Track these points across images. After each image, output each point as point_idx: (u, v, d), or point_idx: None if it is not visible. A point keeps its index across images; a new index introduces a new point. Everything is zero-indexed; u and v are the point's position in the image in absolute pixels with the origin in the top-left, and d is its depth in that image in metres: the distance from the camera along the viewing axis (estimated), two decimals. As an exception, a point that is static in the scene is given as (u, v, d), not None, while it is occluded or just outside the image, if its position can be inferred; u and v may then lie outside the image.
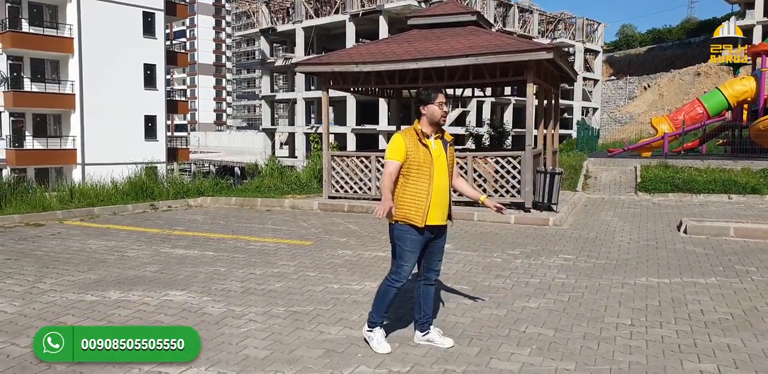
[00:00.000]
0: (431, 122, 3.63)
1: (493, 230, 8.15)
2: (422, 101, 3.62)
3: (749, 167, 13.53)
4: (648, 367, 3.57)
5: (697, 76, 46.03)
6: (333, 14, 37.41)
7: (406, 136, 3.57)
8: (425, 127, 3.63)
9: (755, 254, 6.68)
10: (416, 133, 3.60)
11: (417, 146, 3.57)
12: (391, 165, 3.57)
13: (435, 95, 3.62)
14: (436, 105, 3.60)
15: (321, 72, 10.42)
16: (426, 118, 3.62)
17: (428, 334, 3.86)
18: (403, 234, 3.61)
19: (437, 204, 3.62)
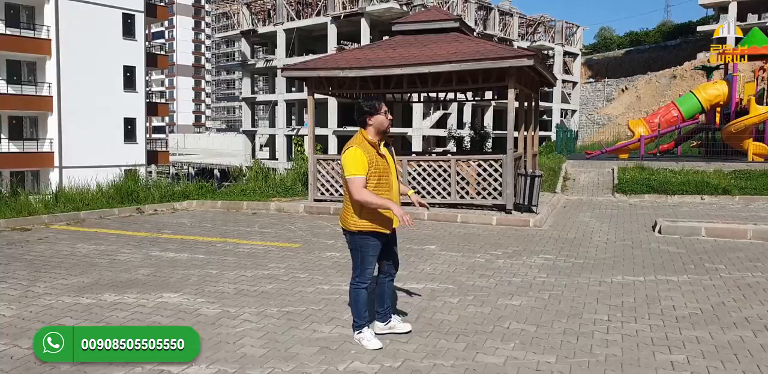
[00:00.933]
0: (378, 132, 3.77)
1: (476, 232, 8.39)
2: (369, 112, 3.73)
3: (721, 168, 13.99)
4: (623, 359, 3.81)
5: (673, 79, 47.04)
6: (314, 16, 37.49)
7: (363, 148, 3.68)
8: (373, 136, 3.75)
9: (724, 252, 7.01)
10: (370, 144, 3.73)
11: (376, 157, 3.72)
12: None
13: (380, 105, 3.76)
14: (383, 114, 3.74)
15: (307, 77, 10.59)
16: (373, 128, 3.75)
17: (390, 322, 4.09)
18: (366, 242, 3.80)
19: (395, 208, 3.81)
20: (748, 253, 6.95)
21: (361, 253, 3.84)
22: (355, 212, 3.77)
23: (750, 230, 7.83)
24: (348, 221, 3.81)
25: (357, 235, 3.81)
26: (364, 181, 3.68)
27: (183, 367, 3.52)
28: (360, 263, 3.87)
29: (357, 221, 3.77)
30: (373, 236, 3.81)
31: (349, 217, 3.80)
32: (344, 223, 3.86)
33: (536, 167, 12.67)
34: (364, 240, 3.81)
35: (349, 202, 3.81)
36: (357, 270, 3.91)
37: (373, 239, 3.82)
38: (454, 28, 10.96)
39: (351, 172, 3.68)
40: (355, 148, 3.71)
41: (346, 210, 3.84)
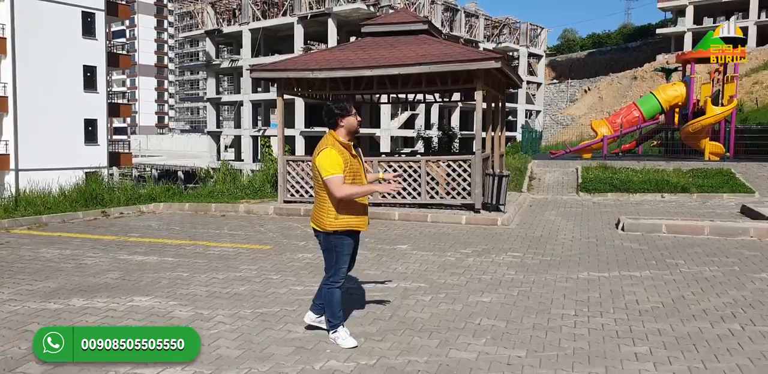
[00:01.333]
0: (349, 133, 3.84)
1: (446, 231, 8.51)
2: (340, 114, 3.80)
3: (680, 167, 14.48)
4: (590, 352, 3.95)
5: (634, 80, 48.37)
6: (281, 16, 37.27)
7: (336, 149, 3.74)
8: (344, 137, 3.83)
9: (684, 248, 7.29)
10: (342, 145, 3.79)
11: (349, 158, 3.80)
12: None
13: (350, 107, 3.84)
14: (353, 116, 3.82)
15: (276, 78, 10.56)
16: (344, 129, 3.82)
17: (322, 316, 4.15)
18: (341, 242, 3.87)
19: (367, 206, 3.98)
20: (705, 248, 7.24)
21: (336, 253, 3.90)
22: (331, 212, 3.82)
23: (707, 227, 8.15)
24: (323, 222, 3.86)
25: (333, 235, 3.87)
26: (343, 179, 3.74)
27: (158, 369, 3.51)
28: (334, 263, 3.93)
29: (334, 222, 3.83)
30: (348, 235, 3.89)
31: (324, 217, 3.85)
32: (318, 224, 3.90)
33: (503, 167, 12.90)
34: (340, 240, 3.88)
35: (322, 203, 3.85)
36: (331, 270, 3.96)
37: (348, 239, 3.90)
38: (423, 31, 11.08)
39: (330, 172, 3.73)
40: (330, 149, 3.76)
41: (320, 211, 3.88)
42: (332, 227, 3.84)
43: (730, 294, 5.28)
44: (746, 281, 5.71)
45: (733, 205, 11.21)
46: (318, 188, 3.89)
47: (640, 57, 55.66)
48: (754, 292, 5.33)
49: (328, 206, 3.83)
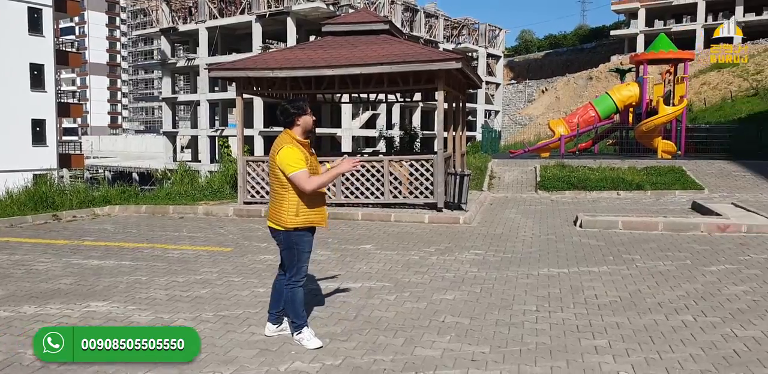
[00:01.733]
0: (305, 131, 3.90)
1: (409, 230, 8.55)
2: (297, 113, 3.83)
3: (635, 165, 14.92)
4: (552, 346, 4.03)
5: (590, 80, 49.61)
6: (238, 15, 36.71)
7: (296, 146, 3.79)
8: (300, 136, 3.87)
9: (639, 244, 7.51)
10: (300, 144, 3.83)
11: (308, 155, 3.85)
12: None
13: (306, 106, 3.89)
14: (309, 115, 3.87)
15: (235, 77, 10.39)
16: (301, 128, 3.87)
17: (282, 324, 4.14)
18: (301, 239, 3.88)
19: (325, 202, 4.04)
20: (659, 244, 7.48)
21: (297, 251, 3.90)
22: (292, 209, 3.82)
23: (661, 223, 8.42)
24: (283, 219, 3.84)
25: (293, 232, 3.86)
26: (308, 173, 3.78)
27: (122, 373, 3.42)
28: (296, 261, 3.92)
29: (295, 218, 3.82)
30: (309, 232, 3.91)
31: (284, 215, 3.83)
32: (278, 221, 3.87)
33: (465, 166, 13.04)
34: (300, 237, 3.88)
35: (281, 201, 3.85)
36: (293, 269, 3.94)
37: (308, 236, 3.92)
38: (384, 30, 11.09)
39: (295, 167, 3.75)
40: (290, 146, 3.79)
41: (279, 209, 3.86)
42: (293, 224, 3.83)
43: (683, 287, 5.47)
44: (698, 274, 5.92)
45: (684, 201, 11.62)
46: (277, 186, 3.87)
47: (595, 58, 57.15)
48: (705, 285, 5.53)
49: (288, 204, 3.82)
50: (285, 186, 3.82)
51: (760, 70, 36.76)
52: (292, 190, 3.81)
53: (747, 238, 7.80)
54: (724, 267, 6.19)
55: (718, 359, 3.79)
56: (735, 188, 13.11)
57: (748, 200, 11.30)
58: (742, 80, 35.86)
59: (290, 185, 3.80)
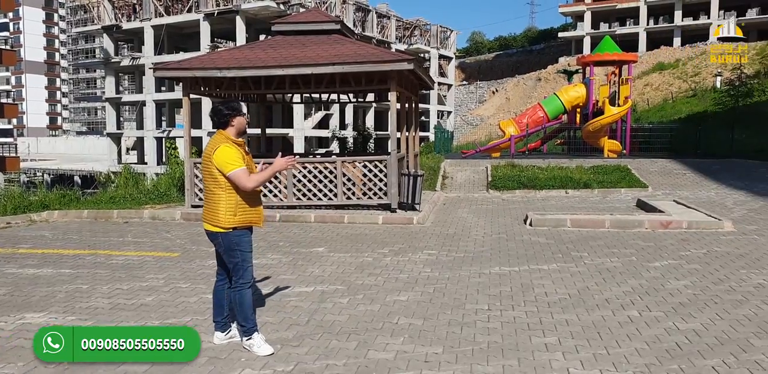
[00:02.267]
0: (239, 132, 3.88)
1: (363, 231, 8.50)
2: (230, 114, 3.83)
3: (582, 164, 15.32)
4: (503, 345, 4.07)
5: (539, 81, 50.81)
6: (186, 13, 35.81)
7: (233, 146, 3.78)
8: (235, 136, 3.86)
9: (587, 241, 7.70)
10: (236, 143, 3.82)
11: (244, 154, 3.83)
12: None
13: (240, 107, 3.92)
14: (243, 116, 3.88)
15: (182, 77, 10.11)
16: (235, 129, 3.86)
17: (230, 331, 4.06)
18: (240, 239, 3.84)
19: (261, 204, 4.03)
20: (606, 241, 7.69)
21: (240, 251, 3.85)
22: (229, 209, 3.78)
23: (607, 220, 8.66)
24: (220, 220, 3.78)
25: (232, 233, 3.81)
26: (247, 171, 3.77)
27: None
28: (241, 262, 3.86)
29: (232, 218, 3.79)
30: (247, 231, 3.89)
31: (221, 216, 3.78)
32: (215, 223, 3.80)
33: (418, 166, 13.10)
34: (240, 237, 3.84)
35: (217, 201, 3.79)
36: (239, 271, 3.87)
37: (247, 235, 3.89)
38: (336, 30, 11.01)
39: (233, 165, 3.72)
40: (226, 145, 3.77)
41: (215, 210, 3.80)
42: (230, 223, 3.78)
43: (628, 283, 5.63)
44: (642, 270, 6.11)
45: (629, 199, 12.00)
46: (213, 187, 3.81)
47: (544, 59, 58.56)
48: (649, 280, 5.71)
49: (224, 204, 3.78)
50: (222, 186, 3.77)
51: (697, 73, 38.49)
52: (229, 189, 3.77)
53: (687, 234, 8.11)
54: (667, 263, 6.41)
55: (662, 352, 3.91)
56: (676, 186, 13.64)
57: (688, 197, 11.77)
58: (681, 82, 37.47)
59: (227, 185, 3.76)
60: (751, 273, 5.93)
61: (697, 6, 49.94)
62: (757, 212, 10.00)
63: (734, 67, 25.89)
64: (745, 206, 10.70)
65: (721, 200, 11.55)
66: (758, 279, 5.69)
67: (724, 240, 7.65)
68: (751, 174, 14.56)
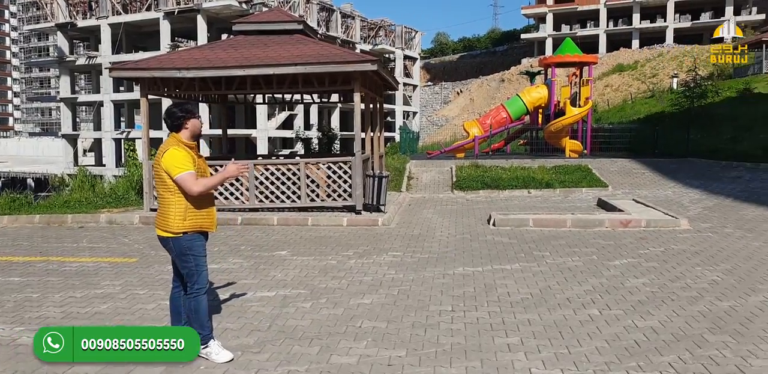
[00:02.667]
0: (193, 135, 3.80)
1: (327, 234, 8.42)
2: (184, 116, 3.74)
3: (544, 164, 15.55)
4: (466, 346, 4.07)
5: (502, 82, 51.46)
6: (144, 11, 34.99)
7: (183, 149, 3.69)
8: (188, 139, 3.78)
9: (549, 240, 7.80)
10: (187, 146, 3.74)
11: (195, 158, 3.75)
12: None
13: (194, 109, 3.83)
14: (197, 118, 3.79)
15: (139, 77, 9.85)
16: (189, 131, 3.77)
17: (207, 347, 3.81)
18: (193, 243, 3.75)
19: (214, 207, 3.94)
20: (568, 240, 7.80)
21: (193, 256, 3.75)
22: (179, 214, 3.68)
23: (569, 220, 8.79)
24: (170, 225, 3.68)
25: (183, 238, 3.72)
26: (195, 175, 3.67)
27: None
28: (194, 267, 3.76)
29: (182, 223, 3.69)
30: (199, 236, 3.79)
31: (171, 220, 3.68)
32: (165, 228, 3.71)
33: (383, 167, 13.07)
34: (192, 241, 3.74)
35: (168, 206, 3.71)
36: (193, 277, 3.78)
37: (199, 239, 3.80)
38: (298, 30, 10.90)
39: (181, 169, 3.63)
40: (176, 148, 3.69)
41: (166, 215, 3.71)
42: (181, 228, 3.69)
43: (589, 281, 5.71)
44: (603, 269, 6.21)
45: (590, 198, 12.22)
46: (163, 191, 3.72)
47: (507, 60, 59.33)
48: (609, 279, 5.81)
49: (174, 209, 3.69)
50: (171, 190, 3.68)
51: (655, 74, 39.59)
52: (178, 193, 3.67)
53: (646, 232, 8.29)
54: (626, 261, 6.54)
55: (621, 350, 3.97)
56: (635, 185, 13.96)
57: (647, 196, 12.05)
58: (640, 83, 38.44)
59: (176, 189, 3.67)
60: (705, 270, 6.09)
61: (654, 9, 51.38)
62: (712, 210, 10.32)
63: (689, 69, 26.71)
64: (700, 205, 11.03)
65: (678, 199, 11.87)
66: (712, 276, 5.85)
67: (681, 238, 7.85)
68: (706, 173, 15.02)
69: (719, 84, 27.38)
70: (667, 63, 41.02)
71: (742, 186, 13.03)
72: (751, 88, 25.46)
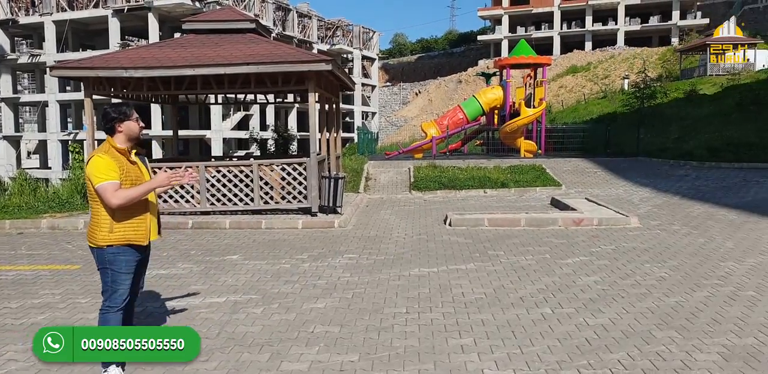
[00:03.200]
0: (129, 139, 3.53)
1: (281, 237, 8.27)
2: (118, 118, 3.48)
3: (500, 164, 15.74)
4: (420, 348, 4.02)
5: (460, 83, 51.97)
6: (92, 8, 33.83)
7: (110, 155, 3.41)
8: (123, 144, 3.51)
9: (503, 239, 7.86)
10: (119, 152, 3.47)
11: (126, 165, 3.46)
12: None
13: (130, 111, 3.53)
14: (134, 121, 3.51)
15: (84, 77, 9.46)
16: (123, 135, 3.50)
17: None
18: (116, 257, 3.45)
19: (153, 220, 3.60)
20: (522, 239, 7.88)
21: (112, 271, 3.45)
22: (105, 225, 3.41)
23: (523, 219, 8.89)
24: (96, 236, 3.43)
25: (106, 250, 3.44)
26: (118, 185, 3.36)
27: None
28: (111, 283, 3.47)
29: (108, 235, 3.41)
30: (127, 250, 3.48)
31: (98, 231, 3.43)
32: (92, 238, 3.46)
33: (340, 168, 12.97)
34: (115, 256, 3.45)
35: (96, 215, 3.45)
36: (107, 292, 3.50)
37: (127, 254, 3.48)
38: (250, 29, 10.70)
39: (101, 178, 3.34)
40: (100, 155, 3.39)
41: (94, 225, 3.45)
42: (105, 241, 3.42)
43: (542, 280, 5.76)
44: (555, 267, 6.28)
45: (544, 197, 12.41)
46: (91, 200, 3.47)
47: (464, 62, 59.97)
48: (561, 277, 5.87)
49: (102, 219, 3.42)
50: (96, 199, 3.42)
51: (607, 75, 40.72)
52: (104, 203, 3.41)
53: (598, 230, 8.45)
54: (579, 259, 6.63)
55: (572, 348, 4.00)
56: (588, 184, 14.26)
57: (599, 195, 12.32)
58: (593, 84, 39.47)
59: None
60: (654, 267, 6.23)
61: (605, 12, 52.80)
62: (660, 208, 10.61)
63: (639, 71, 27.54)
64: (649, 202, 11.33)
65: (628, 197, 12.17)
66: (660, 273, 5.99)
67: (631, 236, 8.03)
68: (655, 172, 15.48)
69: (667, 85, 28.38)
70: (618, 65, 42.26)
71: (688, 184, 13.48)
72: (696, 90, 26.47)
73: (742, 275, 5.85)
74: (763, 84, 23.11)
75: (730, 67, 30.48)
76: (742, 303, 4.96)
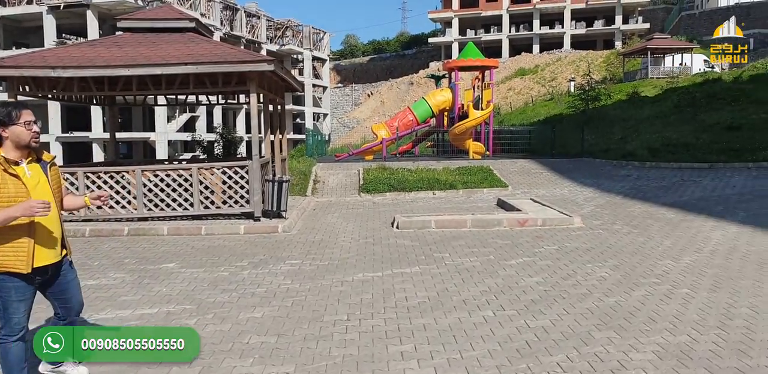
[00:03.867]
0: (18, 146, 3.04)
1: (221, 243, 7.99)
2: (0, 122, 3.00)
3: (449, 166, 15.80)
4: (359, 357, 3.91)
5: (411, 85, 52.23)
6: (25, 4, 32.28)
7: None
8: (10, 153, 3.02)
9: (449, 241, 7.83)
10: (8, 162, 3.00)
11: (3, 179, 2.96)
12: None
13: (18, 114, 3.02)
14: (22, 125, 3.01)
15: (6, 76, 8.91)
16: (10, 142, 3.02)
17: (61, 366, 3.48)
18: (3, 285, 3.02)
19: (46, 241, 3.10)
20: (467, 241, 7.87)
21: (1, 299, 3.03)
22: None
23: (469, 220, 8.90)
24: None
25: None
26: None
27: None
28: (3, 311, 3.06)
29: None
30: (10, 277, 3.03)
31: None
32: None
33: (285, 171, 12.72)
34: (1, 282, 3.02)
35: None
36: (2, 320, 3.10)
37: (12, 280, 3.03)
38: (190, 29, 10.35)
39: None
40: None
41: None
42: None
43: (485, 282, 5.74)
44: (499, 268, 6.28)
45: (491, 198, 12.51)
46: None
47: (416, 64, 60.34)
48: (504, 278, 5.86)
49: None
50: None
51: (554, 78, 41.71)
52: None
53: (542, 231, 8.54)
54: (522, 260, 6.66)
55: (512, 352, 3.96)
56: (534, 185, 14.48)
57: (544, 196, 12.51)
58: (540, 86, 40.35)
59: None
60: (595, 267, 6.31)
61: (552, 16, 54.12)
62: (603, 208, 10.85)
63: (585, 74, 28.31)
64: (593, 202, 11.57)
65: (573, 197, 12.40)
66: (601, 272, 6.07)
67: (574, 236, 8.14)
68: (599, 172, 15.87)
69: (611, 88, 29.29)
70: (565, 67, 43.36)
71: (630, 184, 13.86)
72: (638, 92, 27.40)
73: (678, 273, 5.99)
74: (699, 87, 24.11)
75: (669, 71, 31.76)
76: (677, 301, 5.06)
